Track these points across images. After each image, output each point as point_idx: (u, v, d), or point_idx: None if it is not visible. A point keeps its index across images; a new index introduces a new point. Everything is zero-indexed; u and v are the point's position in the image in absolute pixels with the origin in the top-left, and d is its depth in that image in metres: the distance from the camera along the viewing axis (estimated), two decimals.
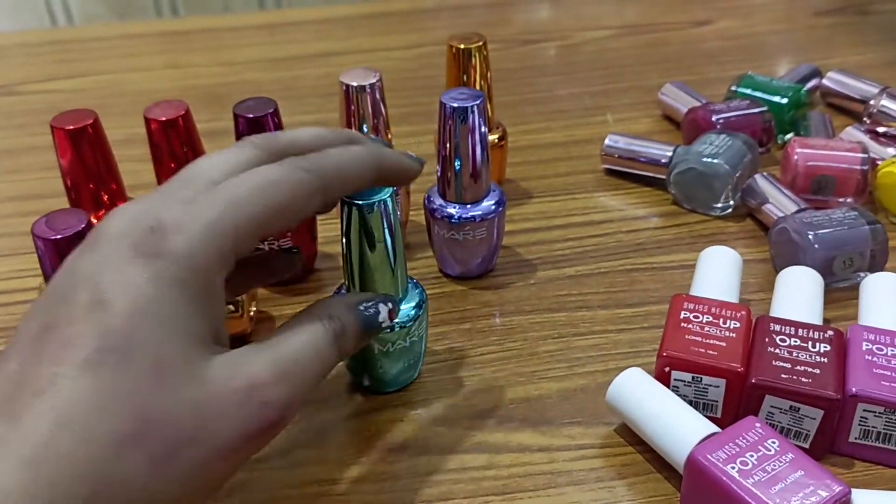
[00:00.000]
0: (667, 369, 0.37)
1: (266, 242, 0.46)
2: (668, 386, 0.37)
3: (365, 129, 0.47)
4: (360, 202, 0.35)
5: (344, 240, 0.38)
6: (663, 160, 0.54)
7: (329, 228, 0.50)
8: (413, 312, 0.39)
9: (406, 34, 0.83)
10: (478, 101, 0.43)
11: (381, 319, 0.34)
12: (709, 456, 0.32)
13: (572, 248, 0.50)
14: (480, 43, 0.50)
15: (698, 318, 0.38)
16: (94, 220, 0.45)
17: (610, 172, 0.58)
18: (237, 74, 0.76)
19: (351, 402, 0.40)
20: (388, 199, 0.36)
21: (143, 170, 0.47)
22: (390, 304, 0.34)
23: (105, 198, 0.45)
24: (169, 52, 0.81)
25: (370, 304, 0.34)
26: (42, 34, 0.97)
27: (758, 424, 0.33)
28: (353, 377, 0.41)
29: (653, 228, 0.52)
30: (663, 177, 0.55)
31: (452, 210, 0.46)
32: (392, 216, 0.36)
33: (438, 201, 0.47)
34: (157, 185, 0.46)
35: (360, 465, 0.37)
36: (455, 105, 0.43)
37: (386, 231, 0.36)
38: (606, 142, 0.57)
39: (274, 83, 0.73)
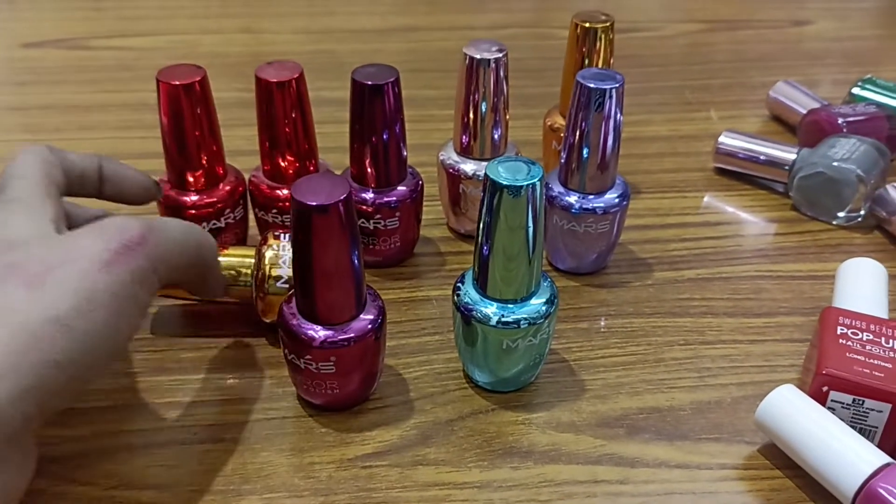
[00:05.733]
0: (825, 389, 0.34)
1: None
2: (822, 406, 0.34)
3: (484, 109, 0.44)
4: (507, 183, 0.32)
5: (481, 223, 0.35)
6: (784, 163, 0.51)
7: (427, 212, 0.47)
8: (544, 309, 0.36)
9: (489, 14, 0.79)
10: (617, 85, 0.40)
11: None
12: (893, 489, 0.29)
13: (689, 250, 0.47)
14: (608, 24, 0.47)
15: (857, 335, 0.35)
16: (191, 180, 0.42)
17: (720, 171, 0.54)
18: (314, 44, 0.73)
19: (468, 400, 0.37)
20: (537, 184, 0.33)
21: (231, 136, 0.45)
22: None
23: (204, 160, 0.42)
24: (242, 17, 0.78)
25: None
26: None
27: None
28: (470, 373, 0.38)
29: (773, 234, 0.49)
30: (780, 180, 0.52)
31: (572, 199, 0.43)
32: (539, 202, 0.33)
33: (558, 188, 0.43)
34: (258, 150, 0.44)
35: (484, 469, 0.34)
36: (592, 86, 0.40)
37: (530, 218, 0.33)
38: (721, 139, 0.53)
39: (353, 54, 0.70)
